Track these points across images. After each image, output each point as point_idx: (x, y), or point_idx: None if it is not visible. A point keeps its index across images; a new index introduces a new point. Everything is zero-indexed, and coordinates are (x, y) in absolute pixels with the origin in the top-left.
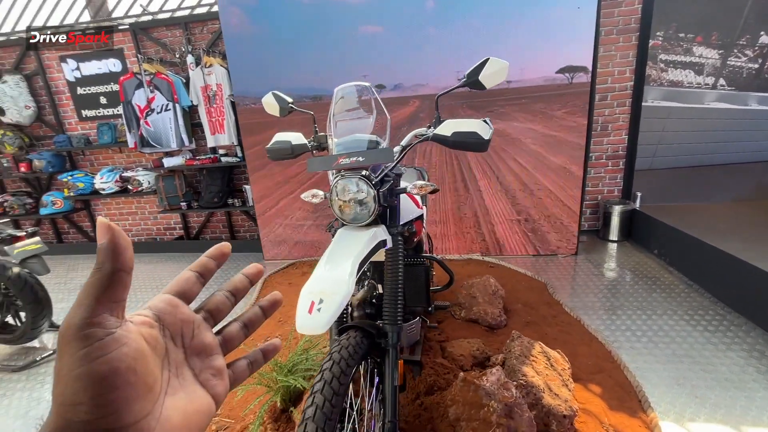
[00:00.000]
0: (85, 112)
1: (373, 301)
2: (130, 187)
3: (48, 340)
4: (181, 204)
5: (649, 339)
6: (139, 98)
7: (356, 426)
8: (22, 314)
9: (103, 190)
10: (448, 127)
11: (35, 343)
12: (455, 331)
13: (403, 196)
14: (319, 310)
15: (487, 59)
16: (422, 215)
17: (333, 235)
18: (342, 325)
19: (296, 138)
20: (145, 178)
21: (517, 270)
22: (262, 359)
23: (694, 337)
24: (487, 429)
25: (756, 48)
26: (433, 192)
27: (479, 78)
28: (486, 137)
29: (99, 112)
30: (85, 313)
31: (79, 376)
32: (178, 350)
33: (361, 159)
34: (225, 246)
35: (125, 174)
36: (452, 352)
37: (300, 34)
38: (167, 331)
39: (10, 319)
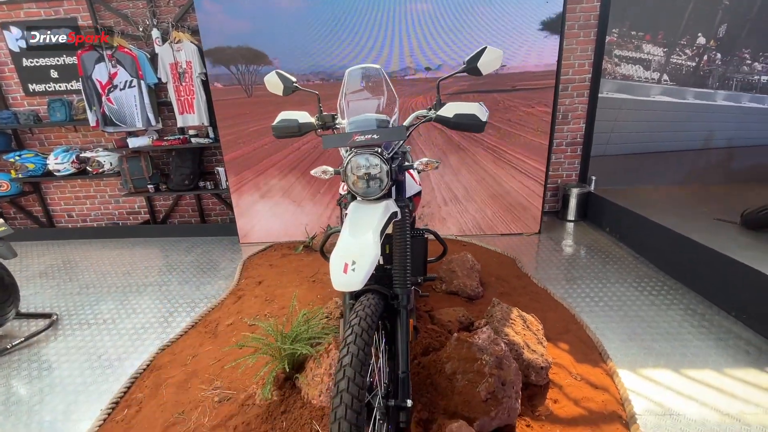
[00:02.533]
0: (33, 87)
1: (374, 272)
2: (89, 168)
3: (15, 328)
4: (148, 186)
5: (605, 303)
6: (99, 73)
7: (376, 380)
8: None
9: (58, 171)
10: (450, 109)
11: (1, 331)
12: (438, 303)
13: (406, 174)
14: (353, 270)
15: (485, 48)
16: (420, 191)
17: (343, 209)
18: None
19: (303, 117)
20: (106, 159)
21: (487, 248)
22: None
23: (641, 301)
24: (480, 379)
25: (694, 48)
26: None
27: (477, 65)
28: (483, 119)
29: (50, 87)
30: None
31: None
32: None
33: (375, 136)
34: None
35: (83, 154)
36: (440, 318)
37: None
38: None
39: None
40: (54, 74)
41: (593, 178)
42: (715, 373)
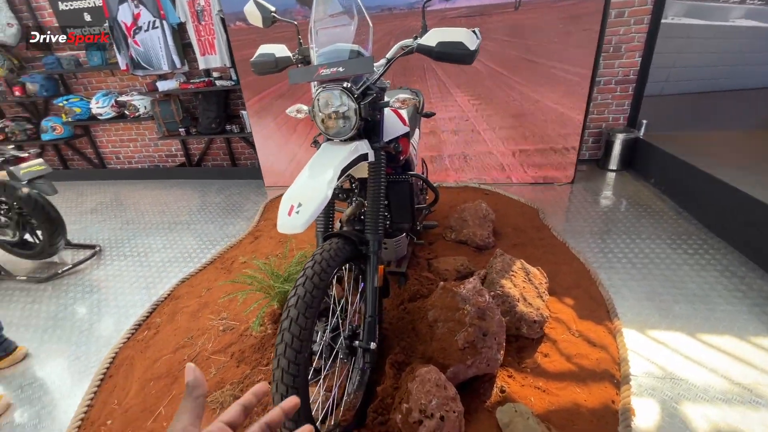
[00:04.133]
0: (71, 31)
1: (362, 217)
2: (126, 112)
3: (66, 256)
4: (180, 130)
5: (629, 260)
6: (124, 14)
7: (339, 321)
8: (39, 232)
9: (101, 115)
10: (433, 37)
11: (55, 259)
12: (444, 251)
13: (388, 113)
14: (297, 212)
15: None
16: (408, 133)
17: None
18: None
19: (280, 50)
20: (141, 103)
21: (511, 197)
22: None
23: (672, 259)
24: (460, 328)
25: None
26: (426, 116)
27: None
28: (472, 48)
29: (85, 31)
30: (184, 422)
31: None
32: None
33: (341, 69)
34: (262, 387)
35: (120, 98)
36: (438, 267)
37: None
38: None
39: (29, 237)
40: (87, 17)
41: (644, 122)
42: (736, 340)
